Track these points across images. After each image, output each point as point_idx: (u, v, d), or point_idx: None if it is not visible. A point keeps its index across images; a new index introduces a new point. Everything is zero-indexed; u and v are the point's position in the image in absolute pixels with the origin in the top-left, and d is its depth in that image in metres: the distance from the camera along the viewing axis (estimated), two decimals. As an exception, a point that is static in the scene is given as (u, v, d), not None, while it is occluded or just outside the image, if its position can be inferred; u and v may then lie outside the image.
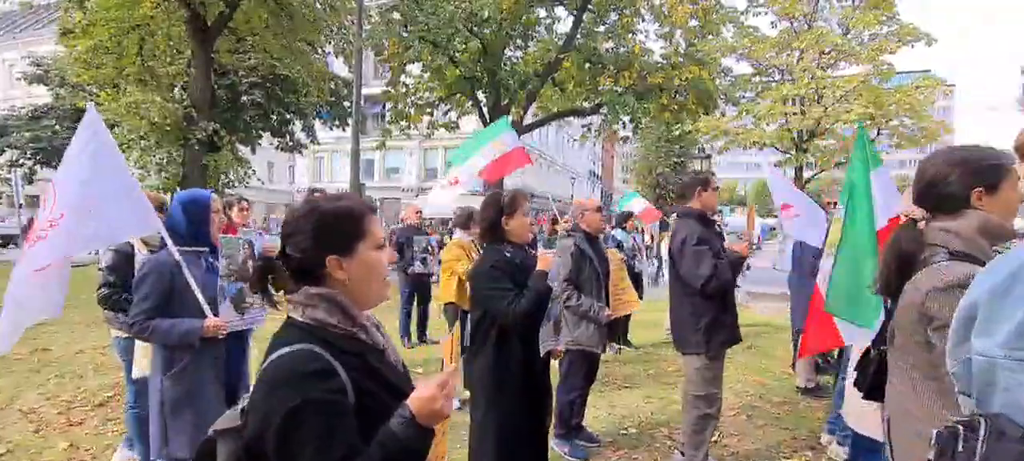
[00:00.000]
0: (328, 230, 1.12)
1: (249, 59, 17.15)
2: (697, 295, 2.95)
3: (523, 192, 2.44)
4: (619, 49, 14.53)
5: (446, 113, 17.32)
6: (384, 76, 30.73)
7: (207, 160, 13.87)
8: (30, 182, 17.68)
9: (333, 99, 21.07)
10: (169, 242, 2.35)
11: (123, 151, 14.53)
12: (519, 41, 15.39)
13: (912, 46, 11.85)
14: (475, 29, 13.81)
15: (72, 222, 2.22)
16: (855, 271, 1.86)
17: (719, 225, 3.62)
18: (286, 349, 1.04)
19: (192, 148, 13.49)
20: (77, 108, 17.20)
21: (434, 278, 6.52)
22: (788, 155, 13.53)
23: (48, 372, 5.28)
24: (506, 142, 5.85)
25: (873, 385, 1.54)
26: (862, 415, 2.49)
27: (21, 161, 17.97)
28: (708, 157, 12.42)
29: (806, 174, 14.11)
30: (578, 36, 15.06)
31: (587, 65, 15.26)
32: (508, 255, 2.28)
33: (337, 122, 22.84)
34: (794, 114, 12.72)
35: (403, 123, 17.06)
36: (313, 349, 1.04)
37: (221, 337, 2.39)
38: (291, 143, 21.16)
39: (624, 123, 18.00)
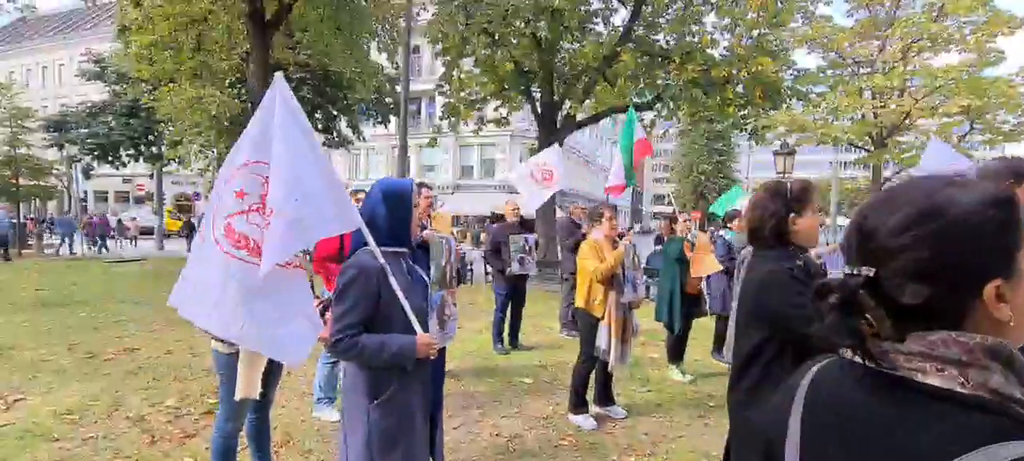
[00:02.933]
0: (979, 242, 0.66)
1: (299, 55, 17.08)
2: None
3: (812, 183, 1.98)
4: (685, 39, 13.92)
5: (496, 109, 16.94)
6: (419, 74, 30.63)
7: (263, 156, 13.78)
8: (87, 177, 17.93)
9: (375, 96, 21.01)
10: (371, 242, 1.97)
11: (180, 145, 14.61)
12: (575, 34, 14.91)
13: (1014, 33, 10.90)
14: (532, 20, 13.39)
15: (282, 222, 1.86)
16: None
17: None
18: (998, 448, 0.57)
19: (250, 143, 13.39)
20: (134, 103, 17.37)
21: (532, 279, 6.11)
22: (866, 151, 12.67)
23: (144, 375, 5.03)
24: (636, 134, 5.53)
25: None
26: None
27: (79, 156, 18.24)
28: (792, 152, 11.67)
29: (885, 173, 13.25)
30: (636, 28, 14.54)
31: (646, 58, 14.72)
32: (799, 263, 1.84)
33: (379, 119, 22.83)
34: (881, 107, 11.86)
35: (452, 119, 16.78)
36: None
37: (432, 357, 2.00)
38: (337, 139, 21.08)
39: (678, 118, 17.41)
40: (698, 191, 33.01)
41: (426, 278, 2.15)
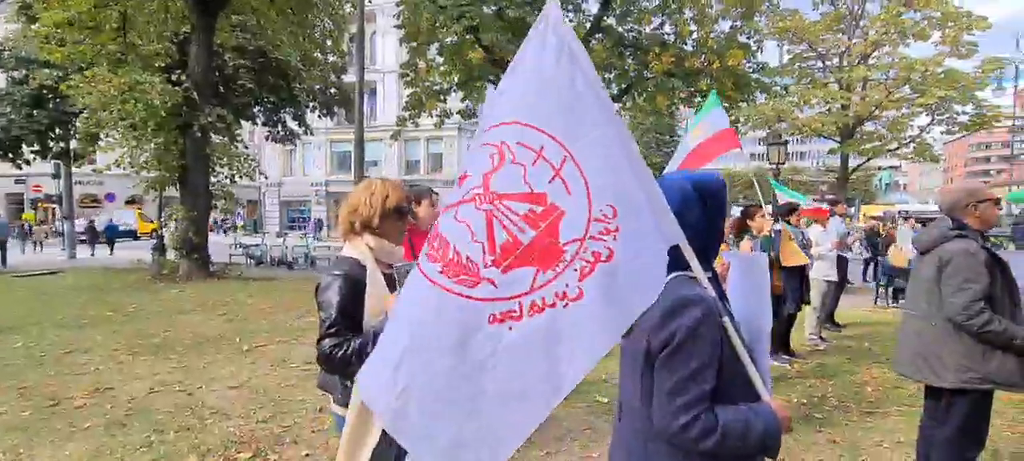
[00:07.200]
0: None
1: (237, 39, 15.42)
2: None
3: None
4: (662, 28, 13.82)
5: (463, 99, 16.18)
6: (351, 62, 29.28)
7: (208, 150, 12.25)
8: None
9: (320, 86, 19.63)
10: (697, 266, 1.31)
11: (112, 139, 12.63)
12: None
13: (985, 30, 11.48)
14: (504, 6, 12.75)
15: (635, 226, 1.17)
16: None
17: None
18: None
19: (194, 136, 11.82)
20: (39, 91, 15.00)
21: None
22: (836, 142, 13.05)
23: (136, 425, 3.96)
24: (714, 123, 4.95)
25: None
26: None
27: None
28: (784, 143, 11.76)
29: (852, 163, 13.75)
30: (607, 18, 14.33)
31: (619, 48, 14.50)
32: None
33: (324, 111, 21.38)
34: (847, 100, 12.21)
35: (412, 111, 15.92)
36: None
37: (788, 432, 1.37)
38: (282, 133, 19.39)
39: (645, 110, 17.36)
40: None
41: (730, 313, 1.51)
